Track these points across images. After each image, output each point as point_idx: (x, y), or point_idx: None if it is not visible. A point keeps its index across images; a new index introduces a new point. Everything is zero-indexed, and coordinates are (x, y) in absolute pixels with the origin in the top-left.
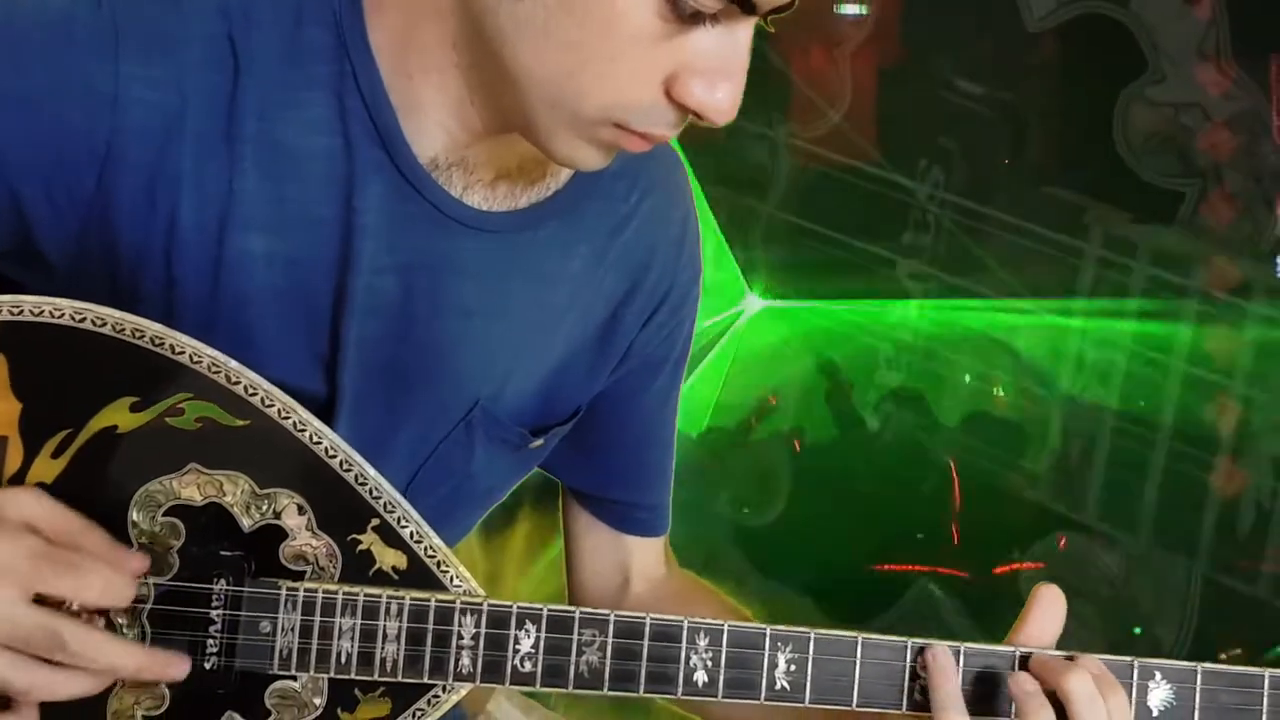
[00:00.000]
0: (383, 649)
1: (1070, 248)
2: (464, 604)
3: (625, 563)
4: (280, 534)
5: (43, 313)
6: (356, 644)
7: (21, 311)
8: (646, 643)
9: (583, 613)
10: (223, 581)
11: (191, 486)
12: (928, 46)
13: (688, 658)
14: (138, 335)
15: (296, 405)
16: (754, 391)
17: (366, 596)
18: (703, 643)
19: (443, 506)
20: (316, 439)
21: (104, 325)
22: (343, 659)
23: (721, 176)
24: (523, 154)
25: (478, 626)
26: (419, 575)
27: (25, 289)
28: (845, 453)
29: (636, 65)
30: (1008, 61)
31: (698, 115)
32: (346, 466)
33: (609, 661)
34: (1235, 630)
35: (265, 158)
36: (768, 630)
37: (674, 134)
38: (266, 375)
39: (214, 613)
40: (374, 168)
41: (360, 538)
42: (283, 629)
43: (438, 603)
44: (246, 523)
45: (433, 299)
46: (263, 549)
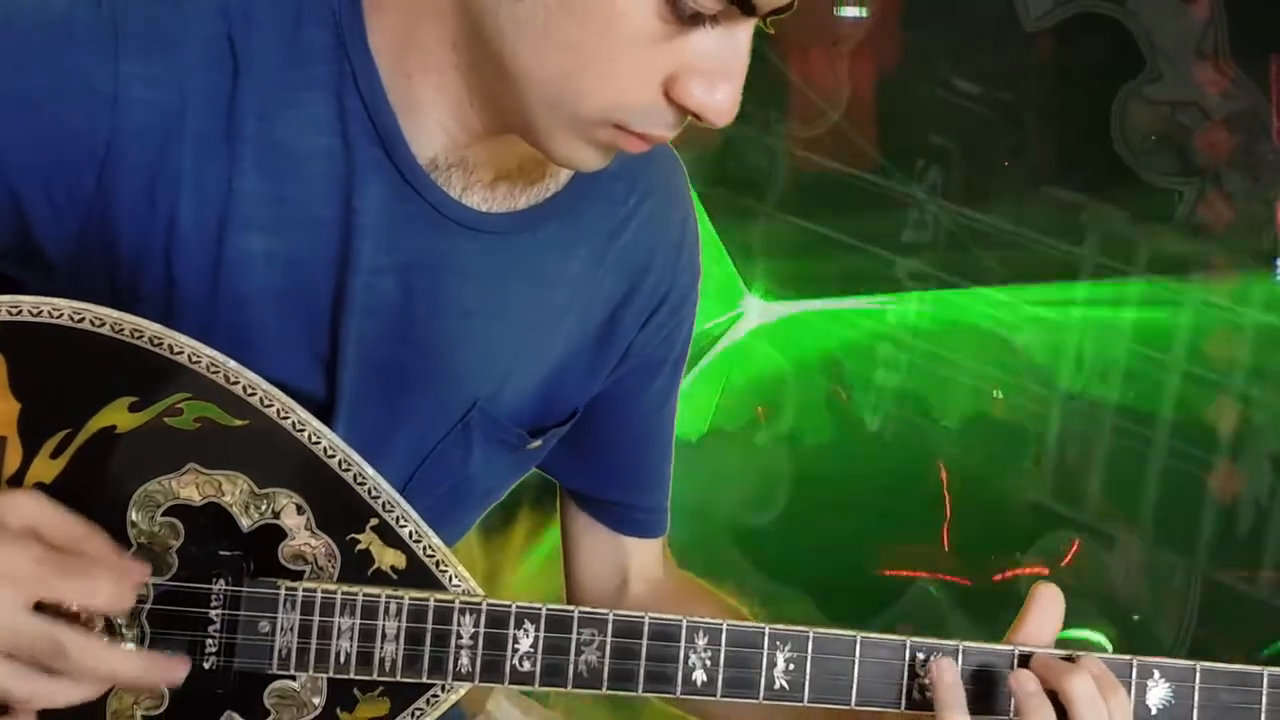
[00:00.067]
0: (382, 648)
1: (1068, 247)
2: (463, 603)
3: (623, 564)
4: (279, 534)
5: (41, 313)
6: (355, 643)
7: (20, 311)
8: (645, 642)
9: (582, 612)
10: (222, 581)
11: (190, 486)
12: (925, 46)
13: (686, 657)
14: (136, 335)
15: (295, 405)
16: (755, 394)
17: (365, 596)
18: (702, 642)
19: (441, 506)
20: (315, 439)
21: (103, 325)
22: (342, 658)
23: (719, 177)
24: (522, 155)
25: (476, 626)
26: (418, 575)
27: (25, 288)
28: (845, 453)
29: (636, 66)
30: (1005, 61)
31: (697, 116)
32: (345, 466)
33: (608, 661)
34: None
35: (265, 158)
36: (766, 629)
37: (673, 135)
38: (266, 375)
39: (213, 612)
40: (373, 168)
41: (359, 537)
42: (282, 629)
43: (436, 602)
44: (245, 522)
45: (432, 299)
46: (262, 549)
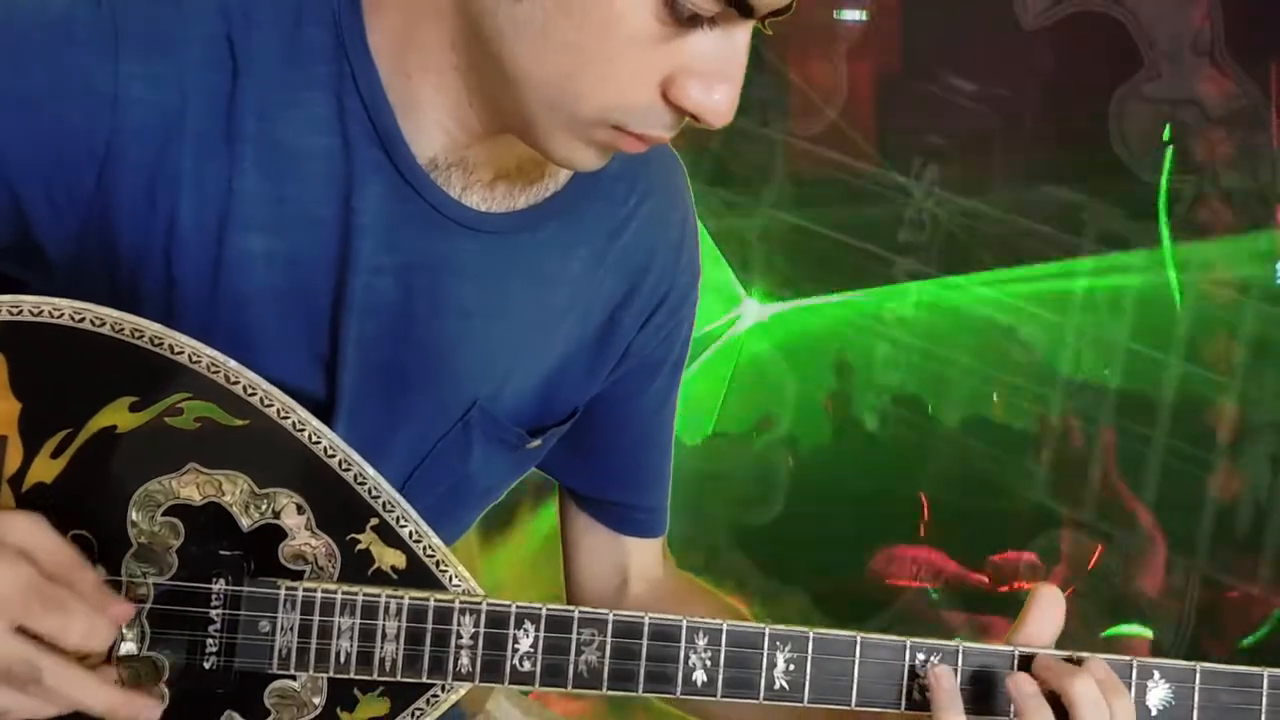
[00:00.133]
0: (382, 648)
1: (1066, 245)
2: (463, 603)
3: (623, 564)
4: (279, 533)
5: (42, 312)
6: (356, 643)
7: (21, 311)
8: (645, 642)
9: (582, 612)
10: (222, 581)
11: (191, 486)
12: (924, 45)
13: (687, 657)
14: (137, 335)
15: (295, 405)
16: (755, 396)
17: (365, 596)
18: (702, 642)
19: (441, 506)
20: (315, 438)
21: (103, 325)
22: (342, 658)
23: (718, 177)
24: (521, 155)
25: (477, 626)
26: (418, 575)
27: (25, 288)
28: (844, 453)
29: (634, 67)
30: (1004, 59)
31: (695, 117)
32: (345, 466)
33: (608, 661)
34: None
35: (265, 158)
36: (766, 630)
37: (671, 135)
38: (266, 375)
39: (213, 612)
40: (373, 168)
41: (359, 537)
42: (282, 628)
43: (437, 602)
44: (245, 522)
45: (431, 299)
46: (262, 548)
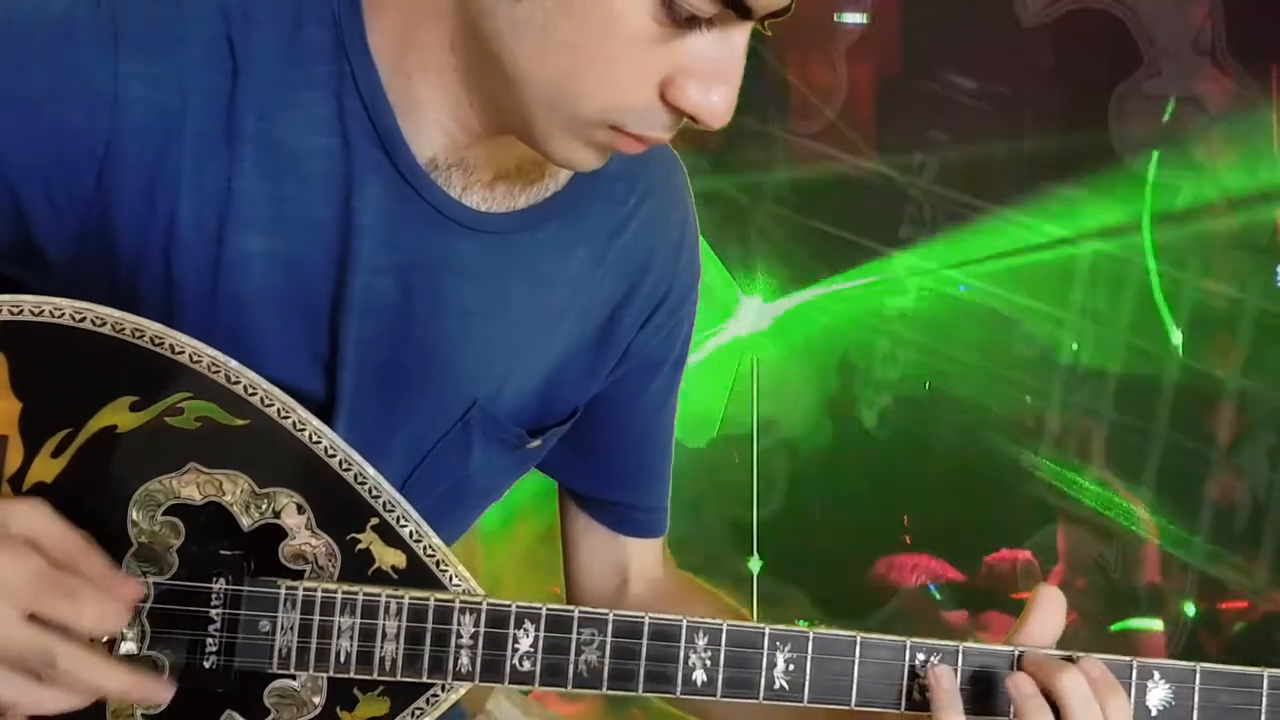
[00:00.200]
0: (382, 648)
1: (1066, 241)
2: (463, 603)
3: (623, 564)
4: (280, 533)
5: (43, 312)
6: (356, 643)
7: (21, 311)
8: (645, 642)
9: (582, 612)
10: (222, 580)
11: (191, 486)
12: (924, 42)
13: (686, 657)
14: (137, 335)
15: (296, 404)
16: (757, 397)
17: (365, 595)
18: (701, 642)
19: (441, 505)
20: (316, 438)
21: (104, 325)
22: (342, 658)
23: (719, 176)
24: (521, 155)
25: (477, 625)
26: (418, 574)
27: (25, 288)
28: (845, 453)
29: (633, 68)
30: (1003, 56)
31: (693, 118)
32: (346, 466)
33: (608, 661)
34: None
35: (264, 157)
36: (766, 630)
37: (670, 136)
38: (266, 375)
39: (213, 611)
40: (373, 168)
41: (359, 537)
42: (282, 628)
43: (437, 602)
44: (246, 522)
45: (431, 299)
46: (262, 548)
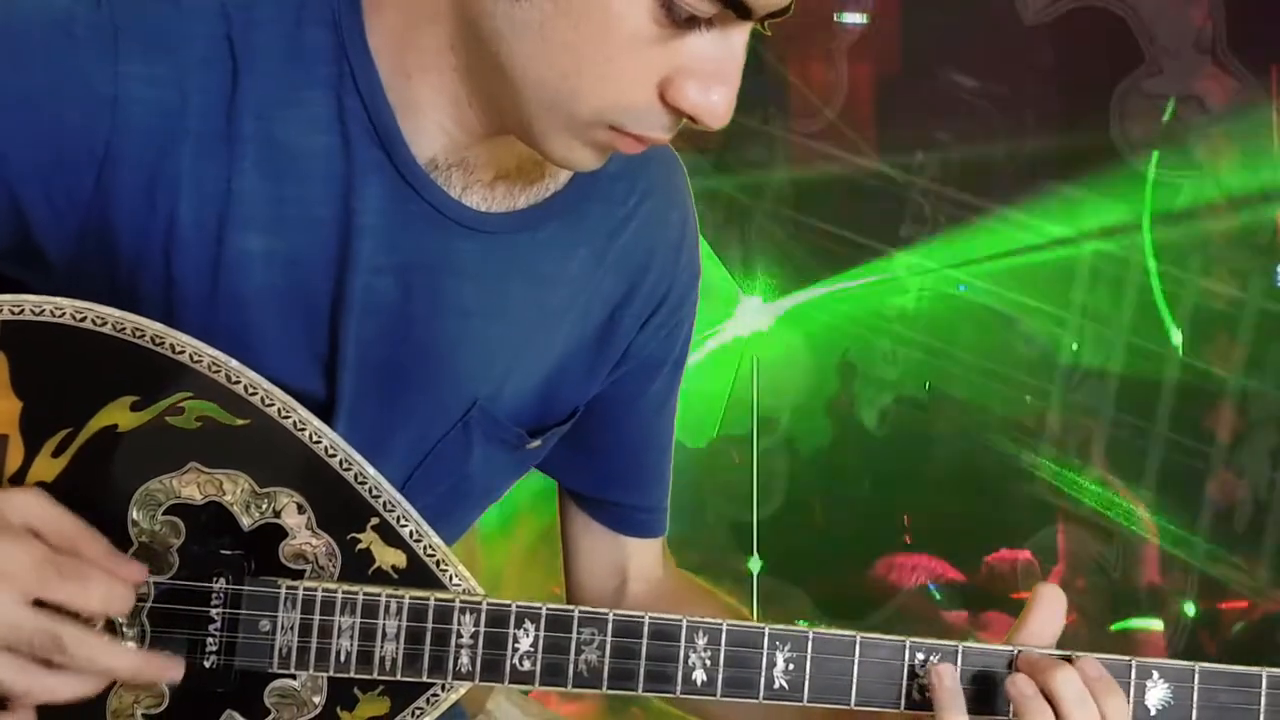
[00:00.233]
0: (382, 647)
1: (1066, 241)
2: (463, 603)
3: (623, 564)
4: (280, 533)
5: (44, 312)
6: (356, 642)
7: (22, 311)
8: (645, 641)
9: (582, 612)
10: (222, 580)
11: (192, 485)
12: (925, 41)
13: (686, 656)
14: (138, 335)
15: (296, 404)
16: (757, 397)
17: (366, 595)
18: (701, 642)
19: (441, 505)
20: (316, 438)
21: (104, 324)
22: (342, 657)
23: (720, 175)
24: (521, 155)
25: (477, 625)
26: (418, 574)
27: (26, 288)
28: (845, 452)
29: (632, 68)
30: (1005, 55)
31: (692, 118)
32: (346, 465)
33: (608, 660)
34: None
35: (264, 157)
36: (766, 629)
37: (669, 137)
38: (266, 375)
39: (214, 611)
40: (372, 168)
41: (360, 536)
42: (282, 627)
43: (437, 601)
44: (246, 521)
45: (431, 299)
46: (262, 547)
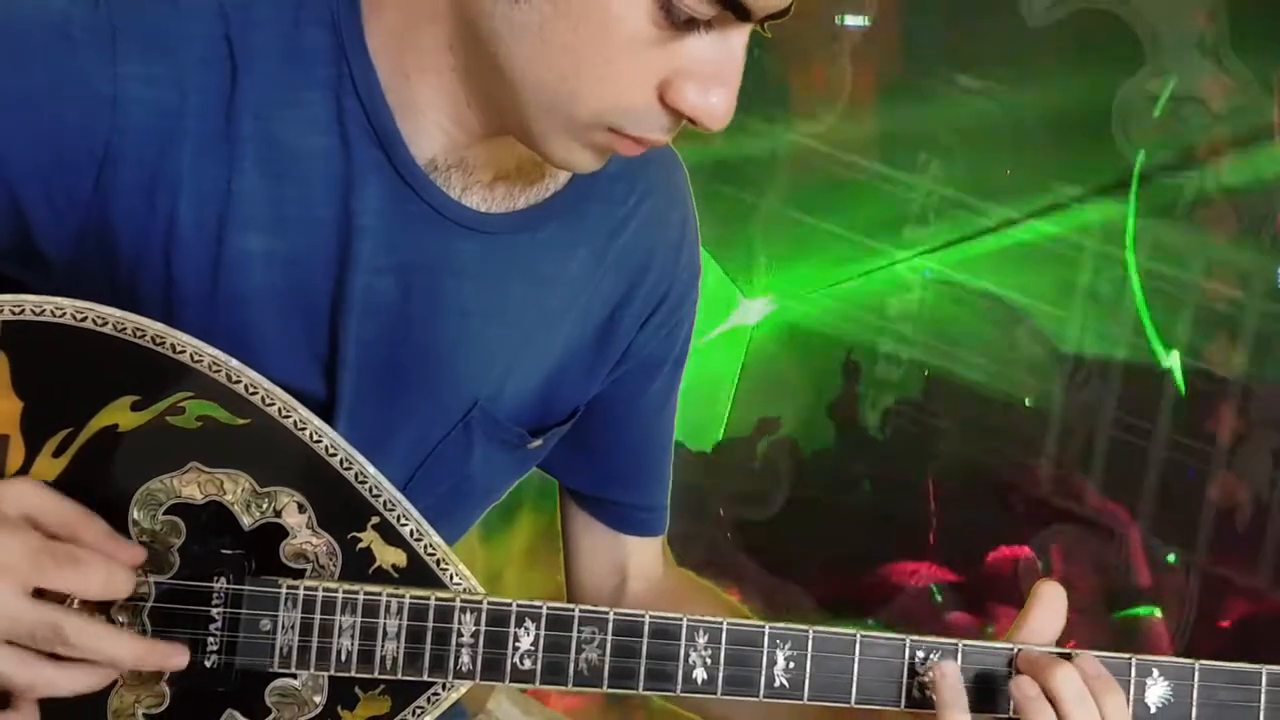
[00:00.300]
0: (383, 647)
1: (1069, 242)
2: (463, 602)
3: (623, 562)
4: (280, 532)
5: (44, 312)
6: (356, 642)
7: (23, 311)
8: (646, 640)
9: (582, 610)
10: (223, 579)
11: (192, 485)
12: (928, 41)
13: (687, 655)
14: (139, 334)
15: (296, 404)
16: (761, 398)
17: (366, 594)
18: (702, 640)
19: (442, 505)
20: (317, 437)
21: (105, 324)
22: (343, 657)
23: (721, 174)
24: (521, 155)
25: (477, 624)
26: (419, 573)
27: (26, 288)
28: (847, 453)
29: (631, 70)
30: (1008, 56)
31: (692, 120)
32: (346, 465)
33: (608, 659)
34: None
35: (263, 158)
36: (766, 628)
37: (668, 138)
38: (266, 375)
39: (214, 611)
40: (371, 168)
41: (360, 536)
42: (283, 627)
43: (437, 601)
44: (247, 521)
45: (431, 299)
46: (263, 547)
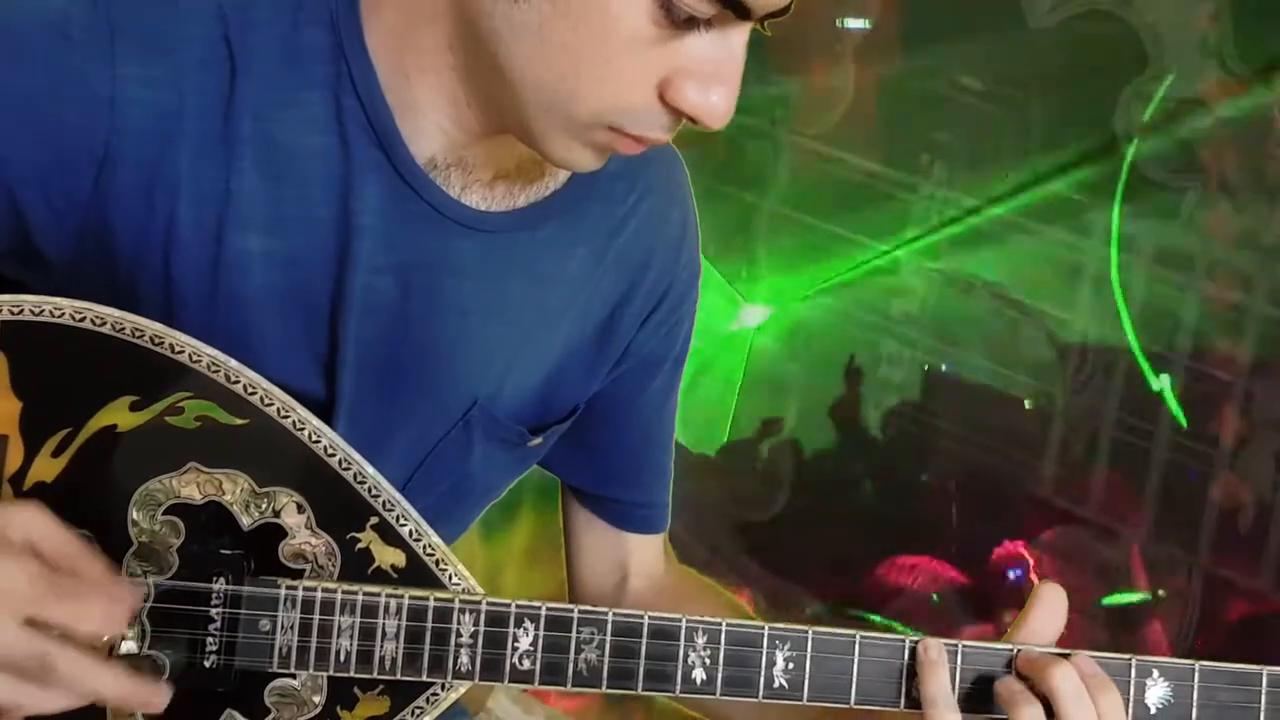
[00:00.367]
0: (382, 647)
1: (1072, 243)
2: (462, 602)
3: (624, 560)
4: (280, 532)
5: (43, 312)
6: (355, 642)
7: (22, 311)
8: (645, 641)
9: (581, 611)
10: (222, 580)
11: (191, 485)
12: (931, 43)
13: (686, 656)
14: (137, 334)
15: (295, 404)
16: (763, 400)
17: (365, 595)
18: (701, 641)
19: (441, 504)
20: (315, 437)
21: (104, 324)
22: (342, 657)
23: (724, 175)
24: (521, 154)
25: (476, 625)
26: (418, 573)
27: (25, 288)
28: (849, 453)
29: (631, 69)
30: (1010, 58)
31: (692, 119)
32: (345, 465)
33: (607, 660)
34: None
35: (262, 158)
36: (766, 629)
37: (668, 137)
38: (265, 375)
39: (214, 611)
40: (371, 167)
41: (359, 536)
42: (282, 627)
43: (436, 601)
44: (246, 521)
45: (431, 299)
46: (262, 547)
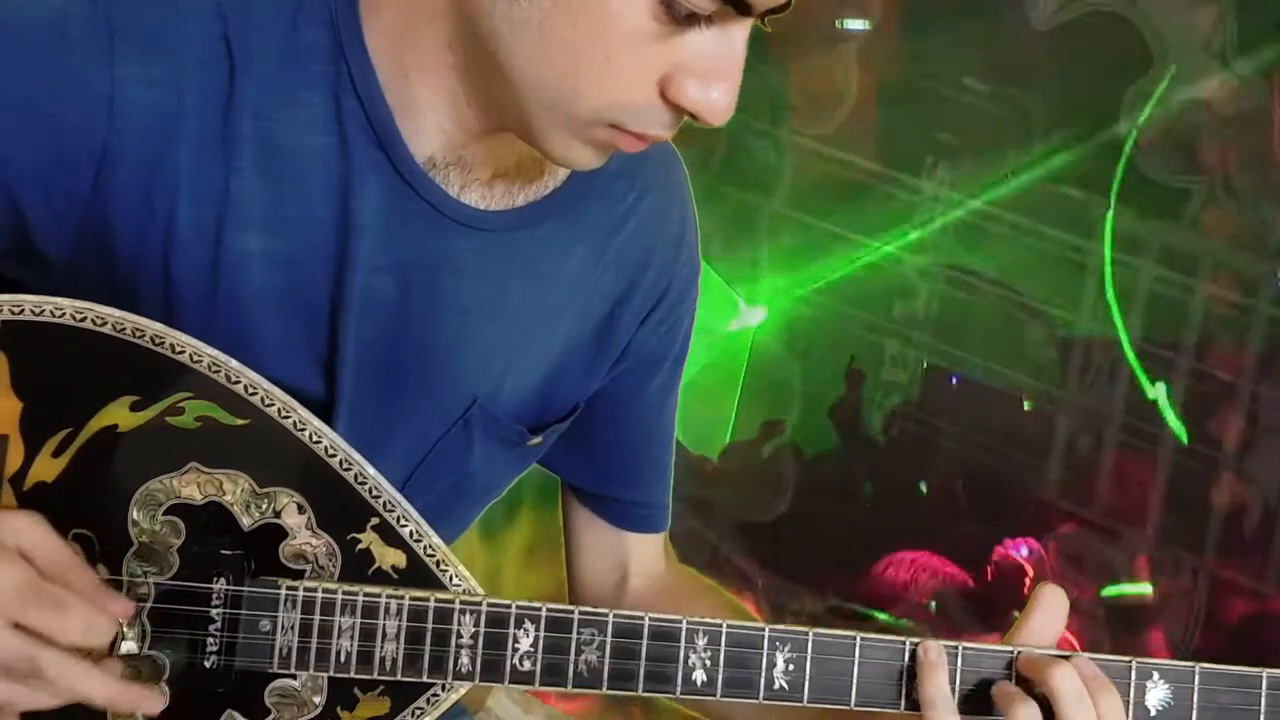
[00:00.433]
0: (382, 648)
1: (1077, 245)
2: (463, 603)
3: (624, 559)
4: (280, 533)
5: (43, 312)
6: (356, 643)
7: (22, 311)
8: (645, 642)
9: (582, 612)
10: (223, 580)
11: (192, 485)
12: (935, 44)
13: (686, 657)
14: (138, 335)
15: (296, 404)
16: (764, 401)
17: (366, 595)
18: (701, 642)
19: (441, 504)
20: (316, 438)
21: (104, 324)
22: (342, 658)
23: (725, 175)
24: (520, 153)
25: (477, 625)
26: (418, 574)
27: (25, 288)
28: (850, 454)
29: (631, 66)
30: (1014, 59)
31: (693, 116)
32: (346, 465)
33: (608, 661)
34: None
35: (262, 158)
36: (766, 630)
37: (670, 134)
38: (265, 375)
39: (214, 611)
40: (370, 167)
41: (360, 536)
42: (282, 628)
43: (437, 602)
44: (246, 521)
45: (430, 298)
46: (262, 548)
